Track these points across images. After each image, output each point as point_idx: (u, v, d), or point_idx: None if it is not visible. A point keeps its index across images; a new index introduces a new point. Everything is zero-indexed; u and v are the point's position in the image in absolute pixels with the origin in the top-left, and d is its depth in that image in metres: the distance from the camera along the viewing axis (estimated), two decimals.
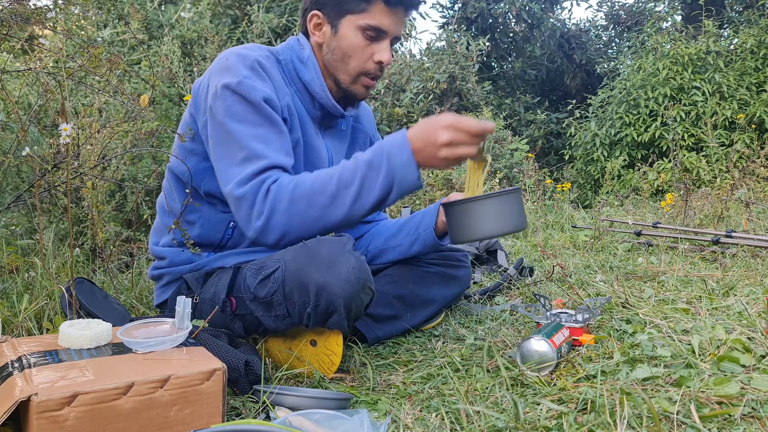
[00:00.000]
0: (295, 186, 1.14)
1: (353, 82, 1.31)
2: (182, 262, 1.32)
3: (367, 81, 1.31)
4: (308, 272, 1.08)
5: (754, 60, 5.63)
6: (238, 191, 1.15)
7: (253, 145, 1.15)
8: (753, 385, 0.93)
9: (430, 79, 6.46)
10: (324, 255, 1.09)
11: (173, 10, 4.29)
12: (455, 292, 1.54)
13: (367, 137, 1.53)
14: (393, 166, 1.11)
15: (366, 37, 1.26)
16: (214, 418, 0.85)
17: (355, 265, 1.08)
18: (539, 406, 0.95)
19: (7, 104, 1.65)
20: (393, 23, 1.27)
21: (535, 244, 2.68)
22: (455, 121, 1.08)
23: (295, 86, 1.31)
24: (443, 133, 1.08)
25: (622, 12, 10.09)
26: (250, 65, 1.20)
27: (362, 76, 1.30)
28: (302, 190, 1.13)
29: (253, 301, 1.16)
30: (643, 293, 1.59)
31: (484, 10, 8.60)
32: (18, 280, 1.58)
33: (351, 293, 1.08)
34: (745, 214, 2.83)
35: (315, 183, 1.14)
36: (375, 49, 1.27)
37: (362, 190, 1.12)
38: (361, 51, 1.27)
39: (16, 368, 0.83)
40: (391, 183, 1.12)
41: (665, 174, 4.98)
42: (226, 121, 1.17)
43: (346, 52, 1.27)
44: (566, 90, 9.41)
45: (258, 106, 1.17)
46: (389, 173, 1.11)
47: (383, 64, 1.28)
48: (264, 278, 1.14)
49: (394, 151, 1.11)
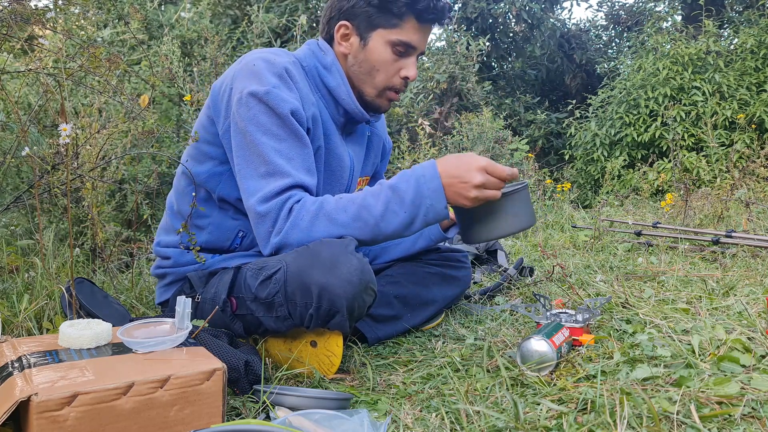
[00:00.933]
0: (319, 207, 1.15)
1: (378, 95, 1.32)
2: (186, 262, 1.32)
3: (391, 95, 1.33)
4: (310, 273, 1.07)
5: (754, 60, 5.63)
6: (261, 208, 1.15)
7: (277, 160, 1.16)
8: (753, 385, 0.93)
9: (430, 79, 6.46)
10: (326, 256, 1.08)
11: (173, 10, 4.29)
12: (456, 292, 1.54)
13: (380, 141, 1.54)
14: (422, 193, 1.13)
15: (395, 52, 1.27)
16: (214, 418, 0.85)
17: (358, 266, 1.08)
18: (539, 406, 0.95)
19: (7, 104, 1.65)
20: (421, 39, 1.28)
21: (535, 244, 2.68)
22: (490, 166, 1.12)
23: (320, 92, 1.30)
24: (477, 176, 1.12)
25: (622, 12, 10.09)
26: (278, 73, 1.20)
27: (387, 90, 1.31)
28: (325, 211, 1.15)
29: (254, 301, 1.15)
30: (643, 293, 1.59)
31: (484, 10, 8.60)
32: (18, 280, 1.58)
33: (353, 294, 1.08)
34: (745, 214, 2.83)
35: (338, 204, 1.15)
36: (402, 65, 1.29)
37: (386, 213, 1.14)
38: (389, 66, 1.28)
39: (16, 368, 0.83)
40: (417, 209, 1.14)
41: (665, 174, 4.98)
42: (250, 131, 1.16)
43: (374, 66, 1.28)
44: (566, 90, 9.41)
45: (284, 119, 1.17)
46: (416, 199, 1.13)
47: (409, 79, 1.29)
48: (265, 279, 1.13)
49: (423, 180, 1.14)
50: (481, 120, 5.51)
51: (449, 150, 5.69)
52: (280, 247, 1.15)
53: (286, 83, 1.20)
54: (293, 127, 1.18)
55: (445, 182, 1.13)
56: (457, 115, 6.36)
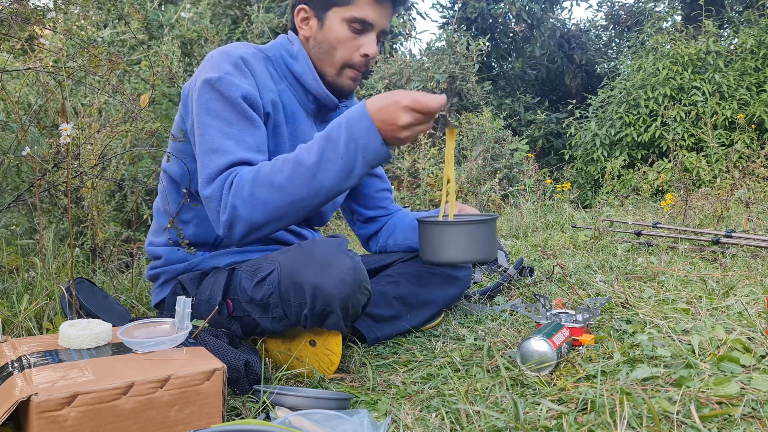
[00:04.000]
0: (255, 173, 1.11)
1: (338, 74, 1.30)
2: (178, 260, 1.33)
3: (351, 73, 1.30)
4: (303, 273, 1.08)
5: (754, 60, 5.63)
6: (206, 191, 1.14)
7: (224, 142, 1.15)
8: (753, 385, 0.93)
9: (430, 79, 6.46)
10: (319, 256, 1.09)
11: (173, 10, 4.29)
12: (456, 292, 1.54)
13: None
14: (354, 135, 1.08)
15: (352, 29, 1.25)
16: (214, 418, 0.85)
17: (351, 266, 1.08)
18: (539, 406, 0.95)
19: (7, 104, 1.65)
20: (379, 16, 1.26)
21: (535, 244, 2.68)
22: (415, 102, 1.06)
23: (287, 80, 1.31)
24: (404, 116, 1.06)
25: (622, 12, 10.10)
26: (233, 62, 1.20)
27: (347, 68, 1.29)
28: (262, 176, 1.10)
29: (250, 303, 1.16)
30: (643, 293, 1.59)
31: (484, 10, 8.60)
32: (18, 280, 1.58)
33: (347, 294, 1.08)
34: (745, 214, 2.83)
35: (274, 166, 1.11)
36: (361, 42, 1.26)
37: (322, 162, 1.08)
38: (346, 43, 1.26)
39: (16, 368, 0.83)
40: (354, 152, 1.08)
41: (665, 174, 4.98)
42: (202, 119, 1.17)
43: (332, 45, 1.26)
44: (566, 90, 9.41)
45: (235, 103, 1.16)
46: (350, 142, 1.08)
47: (369, 57, 1.27)
48: (260, 280, 1.14)
49: (353, 121, 1.08)
50: (481, 120, 5.51)
51: None
52: (230, 223, 1.12)
53: (240, 70, 1.20)
54: (244, 110, 1.17)
55: (377, 125, 1.08)
56: (457, 114, 6.36)
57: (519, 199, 4.09)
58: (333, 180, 1.10)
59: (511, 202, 4.21)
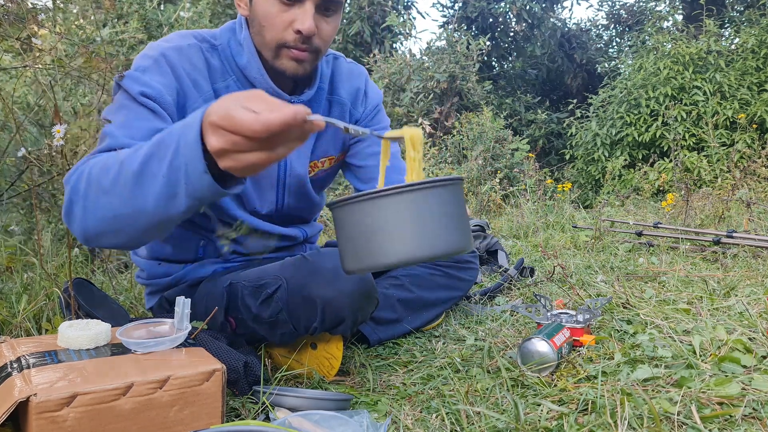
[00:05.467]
0: (91, 169, 0.87)
1: (275, 56, 1.09)
2: (160, 275, 1.28)
3: (292, 53, 1.07)
4: (312, 288, 1.05)
5: (755, 59, 5.63)
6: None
7: (108, 128, 0.97)
8: (754, 386, 0.92)
9: (430, 78, 6.45)
10: (327, 269, 1.05)
11: (172, 9, 4.29)
12: (459, 294, 1.53)
13: (344, 109, 1.29)
14: (180, 148, 0.77)
15: (280, 1, 1.04)
16: (213, 419, 0.85)
17: (360, 278, 1.06)
18: (540, 407, 0.95)
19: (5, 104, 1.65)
20: None
21: (536, 245, 2.68)
22: (224, 119, 0.70)
23: (233, 75, 1.14)
24: (211, 137, 0.72)
25: (623, 11, 10.09)
26: (153, 57, 1.06)
27: (283, 48, 1.07)
28: (96, 170, 0.86)
29: (256, 320, 1.12)
30: (644, 294, 1.59)
31: (485, 10, 8.59)
32: (17, 280, 1.58)
33: (357, 306, 1.07)
34: (746, 214, 2.83)
35: (108, 160, 0.86)
36: (293, 16, 1.04)
37: (143, 174, 0.80)
38: (275, 18, 1.05)
39: (15, 369, 0.82)
40: (177, 171, 0.77)
41: (666, 174, 4.98)
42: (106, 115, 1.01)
43: (260, 22, 1.07)
44: (567, 90, 9.40)
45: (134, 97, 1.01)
46: (176, 156, 0.77)
47: (303, 33, 1.04)
48: (266, 298, 1.10)
49: (186, 128, 0.77)
50: (482, 120, 5.51)
51: (449, 149, 5.69)
52: (67, 222, 0.90)
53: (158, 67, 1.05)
54: (144, 102, 1.01)
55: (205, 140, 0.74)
56: (457, 114, 6.36)
57: (519, 199, 4.09)
58: (153, 203, 0.80)
59: (512, 202, 4.21)
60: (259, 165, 0.72)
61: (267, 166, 0.72)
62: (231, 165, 0.72)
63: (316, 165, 1.29)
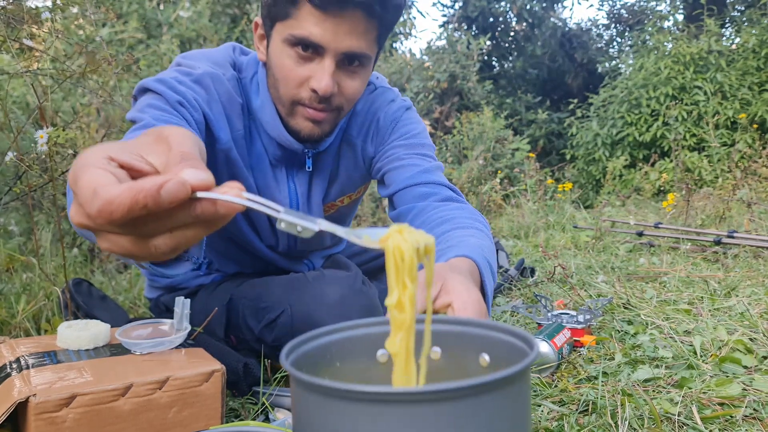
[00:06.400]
0: None
1: (289, 113, 0.98)
2: (159, 275, 1.27)
3: (308, 113, 0.96)
4: (318, 317, 1.01)
5: (756, 59, 5.62)
6: None
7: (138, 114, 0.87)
8: (755, 386, 0.92)
9: (430, 78, 6.45)
10: (332, 298, 1.02)
11: (172, 9, 4.29)
12: None
13: (356, 151, 1.14)
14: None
15: (297, 53, 0.91)
16: (212, 420, 0.85)
17: (366, 305, 1.03)
18: (540, 407, 0.94)
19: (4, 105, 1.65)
20: (333, 33, 0.88)
21: (537, 245, 2.67)
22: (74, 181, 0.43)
23: (249, 117, 1.04)
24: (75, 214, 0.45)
25: (624, 11, 10.09)
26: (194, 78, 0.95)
27: (298, 105, 0.96)
28: None
29: (258, 341, 1.11)
30: (645, 294, 1.59)
31: (485, 9, 8.59)
32: (16, 281, 1.58)
33: None
34: (747, 214, 2.82)
35: None
36: (311, 72, 0.92)
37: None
38: (290, 72, 0.93)
39: (15, 369, 0.82)
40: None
41: (667, 174, 4.97)
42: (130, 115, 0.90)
43: (275, 74, 0.95)
44: (567, 89, 9.40)
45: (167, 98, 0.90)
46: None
47: (320, 93, 0.91)
48: (269, 323, 1.07)
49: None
50: (482, 119, 5.51)
51: (449, 149, 5.69)
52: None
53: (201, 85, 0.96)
54: (174, 104, 0.90)
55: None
56: (457, 114, 6.36)
57: (520, 199, 4.08)
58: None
59: (512, 202, 4.21)
60: (138, 256, 0.46)
61: (150, 259, 0.47)
62: (108, 247, 0.46)
63: (333, 205, 1.19)
